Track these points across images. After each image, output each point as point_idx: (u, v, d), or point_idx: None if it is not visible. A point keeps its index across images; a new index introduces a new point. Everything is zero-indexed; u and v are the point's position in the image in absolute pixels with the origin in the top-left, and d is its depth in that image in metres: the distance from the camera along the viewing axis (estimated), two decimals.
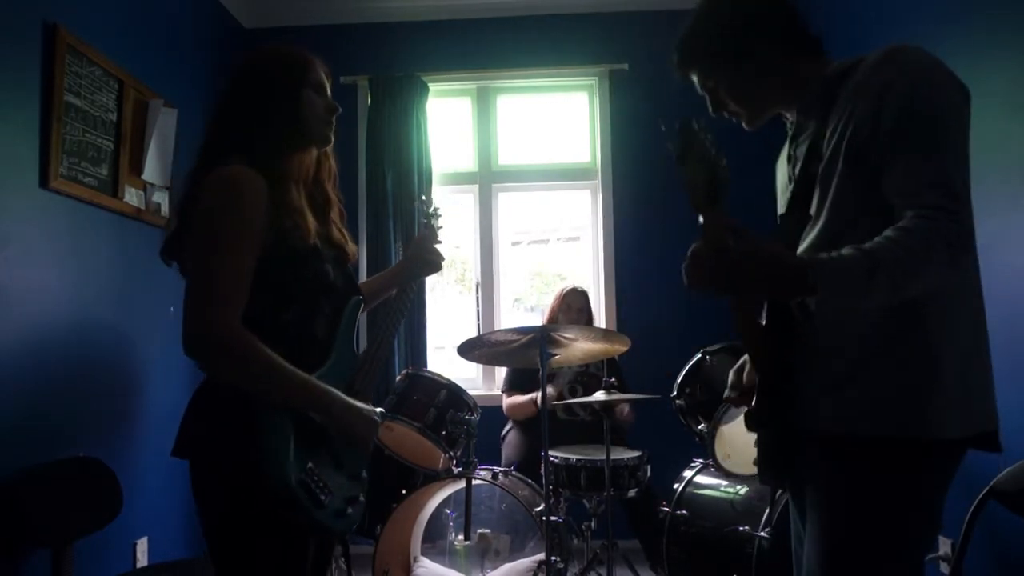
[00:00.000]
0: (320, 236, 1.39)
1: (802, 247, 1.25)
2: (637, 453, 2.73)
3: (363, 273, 3.69)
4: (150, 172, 2.84)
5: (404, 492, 2.62)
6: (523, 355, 2.48)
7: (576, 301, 3.35)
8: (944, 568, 2.55)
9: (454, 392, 2.75)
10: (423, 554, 2.93)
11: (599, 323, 3.86)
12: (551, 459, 2.62)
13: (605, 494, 2.56)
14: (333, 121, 1.44)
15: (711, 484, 2.69)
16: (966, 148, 1.14)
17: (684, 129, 1.11)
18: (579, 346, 2.51)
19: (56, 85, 2.29)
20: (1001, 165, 2.21)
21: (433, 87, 3.90)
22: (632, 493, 2.67)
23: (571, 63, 3.96)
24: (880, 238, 1.06)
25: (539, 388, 2.42)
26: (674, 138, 1.11)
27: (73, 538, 2.14)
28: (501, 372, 3.65)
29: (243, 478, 1.23)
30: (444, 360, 3.88)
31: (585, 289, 3.42)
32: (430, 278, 3.65)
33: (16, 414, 2.13)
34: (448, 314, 4.31)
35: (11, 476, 2.04)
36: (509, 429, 3.36)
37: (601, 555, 2.62)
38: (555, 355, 2.47)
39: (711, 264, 1.07)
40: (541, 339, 2.36)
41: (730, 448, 2.57)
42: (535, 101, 4.17)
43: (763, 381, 1.26)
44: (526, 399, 3.20)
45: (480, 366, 3.89)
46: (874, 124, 1.13)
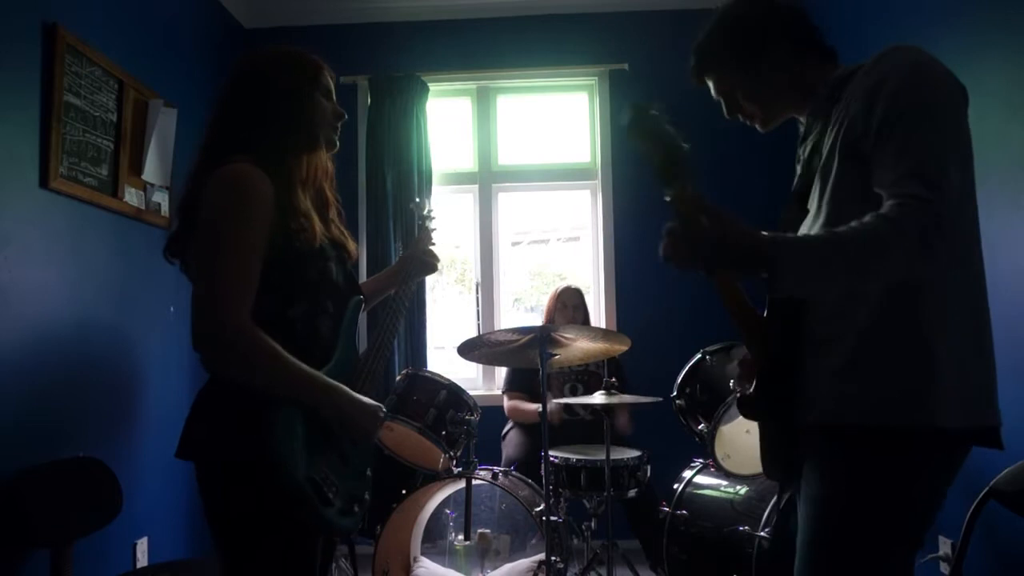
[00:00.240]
0: (323, 236, 1.40)
1: None
2: (637, 453, 2.73)
3: (363, 273, 3.69)
4: (150, 172, 2.84)
5: (404, 492, 2.62)
6: (523, 355, 2.49)
7: (571, 299, 3.36)
8: (944, 568, 2.55)
9: (454, 392, 2.75)
10: (423, 554, 2.94)
11: (599, 323, 3.87)
12: (551, 459, 2.62)
13: (605, 494, 2.56)
14: (339, 127, 1.46)
15: (711, 484, 2.69)
16: (958, 141, 1.15)
17: (634, 109, 1.17)
18: (579, 346, 2.52)
19: (56, 85, 2.29)
20: (1001, 165, 2.21)
21: (433, 87, 3.91)
22: (632, 493, 2.68)
23: (571, 63, 3.96)
24: (852, 223, 1.08)
25: (539, 388, 2.42)
26: (625, 119, 1.17)
27: (73, 538, 2.14)
28: (501, 372, 3.65)
29: (253, 476, 1.23)
30: (444, 360, 3.89)
31: (579, 287, 3.44)
32: (430, 278, 3.67)
33: (16, 414, 2.13)
34: (448, 314, 4.31)
35: (11, 476, 2.04)
36: (510, 428, 3.37)
37: (601, 555, 2.62)
38: (555, 355, 2.48)
39: (684, 240, 1.09)
40: (541, 339, 2.37)
41: (730, 448, 2.58)
42: (535, 101, 4.17)
43: (762, 371, 1.29)
44: (532, 408, 3.21)
45: (480, 366, 3.89)
46: (866, 119, 1.16)
